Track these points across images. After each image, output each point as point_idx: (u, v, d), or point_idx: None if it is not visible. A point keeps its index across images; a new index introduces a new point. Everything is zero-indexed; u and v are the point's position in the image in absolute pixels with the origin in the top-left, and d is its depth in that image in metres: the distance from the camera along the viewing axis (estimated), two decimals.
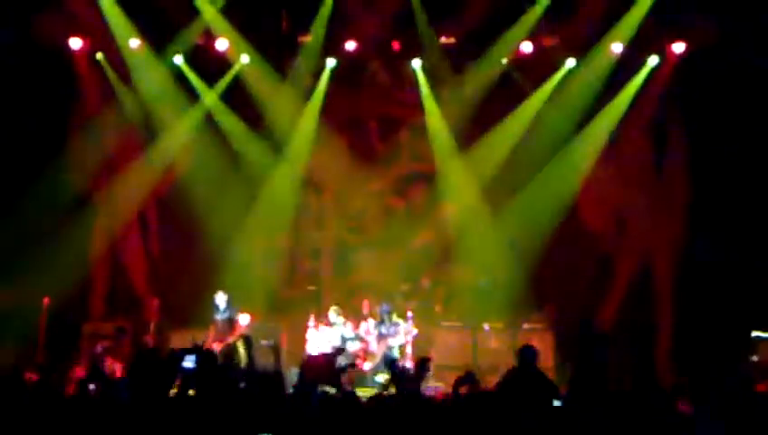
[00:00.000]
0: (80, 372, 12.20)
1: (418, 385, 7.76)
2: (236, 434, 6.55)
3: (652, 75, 15.65)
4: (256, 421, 6.65)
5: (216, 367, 7.42)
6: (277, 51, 15.83)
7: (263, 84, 15.91)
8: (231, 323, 13.78)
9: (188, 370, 7.91)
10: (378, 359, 14.18)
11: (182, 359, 7.45)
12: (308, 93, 16.12)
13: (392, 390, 8.32)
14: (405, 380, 8.22)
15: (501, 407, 7.76)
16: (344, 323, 14.34)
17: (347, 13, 15.43)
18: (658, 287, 15.73)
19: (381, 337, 14.37)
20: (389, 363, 13.34)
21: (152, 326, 14.00)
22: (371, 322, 14.51)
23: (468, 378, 9.08)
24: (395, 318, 14.48)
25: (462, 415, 7.32)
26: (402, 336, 14.37)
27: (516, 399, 8.15)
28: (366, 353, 14.26)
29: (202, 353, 7.58)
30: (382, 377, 13.39)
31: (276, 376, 7.65)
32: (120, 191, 15.58)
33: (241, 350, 13.33)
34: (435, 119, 16.19)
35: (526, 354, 8.61)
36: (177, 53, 15.51)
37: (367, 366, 14.09)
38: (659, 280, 15.74)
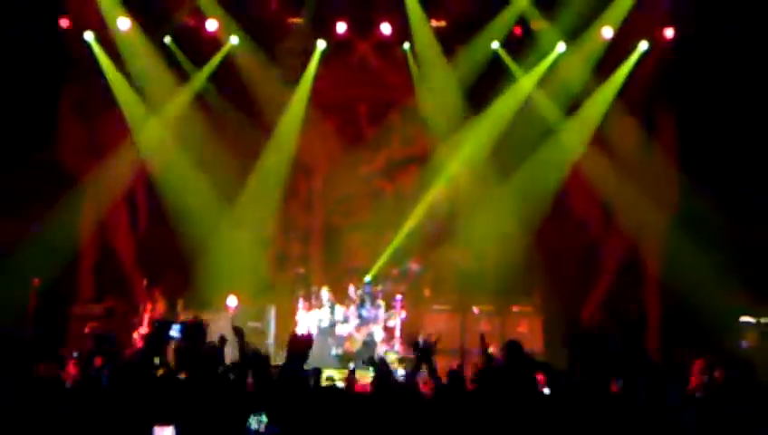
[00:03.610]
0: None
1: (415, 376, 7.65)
2: (230, 416, 6.55)
3: (642, 60, 15.68)
4: (248, 402, 6.64)
5: (202, 339, 7.39)
6: (267, 32, 15.73)
7: (252, 66, 15.83)
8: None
9: (174, 338, 7.91)
10: (359, 344, 14.23)
11: (169, 329, 7.47)
12: (297, 75, 16.03)
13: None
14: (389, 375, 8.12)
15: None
16: (333, 305, 14.40)
17: None
18: (646, 274, 15.81)
19: (361, 321, 14.40)
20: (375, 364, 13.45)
21: (141, 308, 13.97)
22: (351, 308, 14.56)
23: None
24: (378, 301, 14.55)
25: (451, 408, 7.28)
26: (389, 321, 14.43)
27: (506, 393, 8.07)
28: (349, 337, 14.33)
29: (187, 325, 7.57)
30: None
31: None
32: (109, 172, 15.48)
33: None
34: (425, 102, 16.16)
35: (512, 350, 8.51)
36: (167, 33, 15.42)
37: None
38: (647, 267, 15.81)
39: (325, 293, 14.62)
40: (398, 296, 14.71)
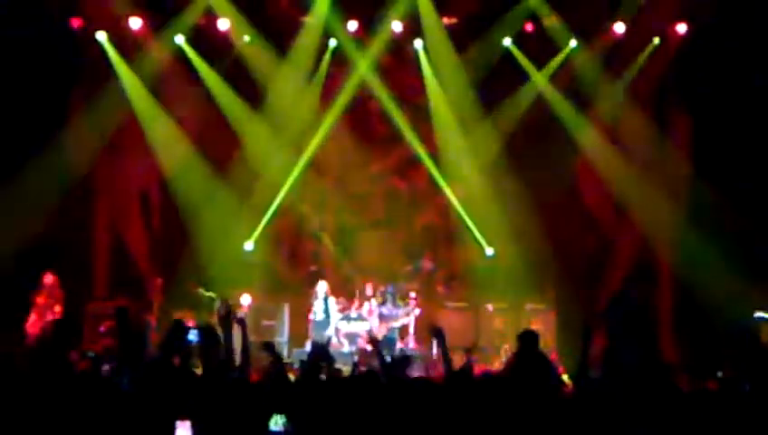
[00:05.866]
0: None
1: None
2: (249, 417, 6.55)
3: (654, 56, 15.63)
4: (267, 404, 6.64)
5: (219, 342, 7.39)
6: (279, 31, 15.72)
7: (264, 65, 15.83)
8: None
9: (192, 342, 7.92)
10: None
11: (187, 331, 7.47)
12: (309, 74, 16.04)
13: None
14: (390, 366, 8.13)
15: (505, 393, 7.71)
16: (326, 298, 14.50)
17: None
18: (659, 268, 15.79)
19: (383, 318, 14.45)
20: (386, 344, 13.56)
21: (155, 306, 14.00)
22: (373, 302, 14.60)
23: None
24: (398, 301, 14.60)
25: (464, 399, 7.27)
26: (403, 319, 14.48)
27: (521, 384, 8.08)
28: (368, 334, 14.34)
29: (205, 329, 7.58)
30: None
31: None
32: (122, 171, 15.54)
33: None
34: (437, 100, 16.14)
35: (527, 339, 8.54)
36: (179, 32, 15.42)
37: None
38: (660, 263, 15.80)
39: (322, 285, 14.65)
40: (412, 294, 14.75)
